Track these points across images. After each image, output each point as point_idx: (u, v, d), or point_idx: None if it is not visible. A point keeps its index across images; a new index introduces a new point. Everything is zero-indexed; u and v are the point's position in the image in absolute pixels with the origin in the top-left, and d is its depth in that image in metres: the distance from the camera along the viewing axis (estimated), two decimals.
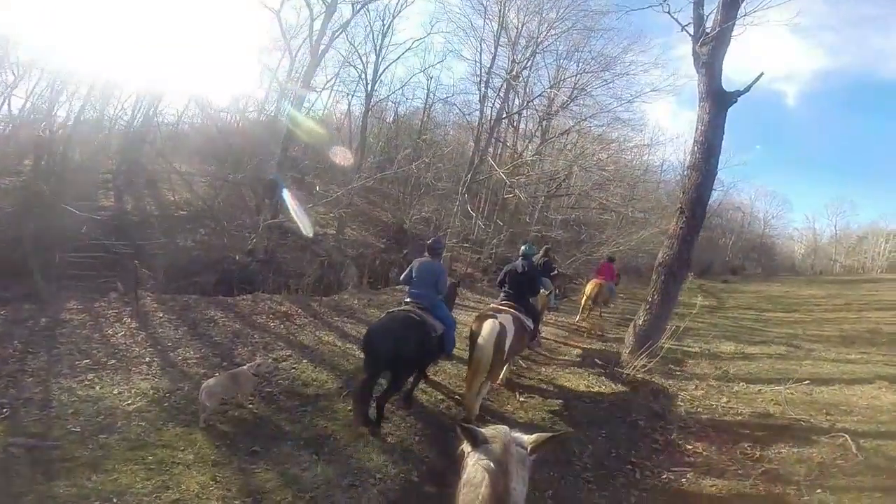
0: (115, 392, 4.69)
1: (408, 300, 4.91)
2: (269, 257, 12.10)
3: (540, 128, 18.15)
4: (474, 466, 1.47)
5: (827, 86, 72.73)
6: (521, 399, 5.72)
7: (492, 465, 1.43)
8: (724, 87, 7.25)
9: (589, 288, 10.55)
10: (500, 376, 5.75)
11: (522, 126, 19.66)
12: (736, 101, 7.38)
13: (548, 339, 8.41)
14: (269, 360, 5.00)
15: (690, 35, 7.73)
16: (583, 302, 10.74)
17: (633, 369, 6.28)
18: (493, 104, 13.82)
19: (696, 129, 7.32)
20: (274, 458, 3.95)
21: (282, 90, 12.21)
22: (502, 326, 4.92)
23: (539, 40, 14.46)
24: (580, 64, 16.85)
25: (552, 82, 17.45)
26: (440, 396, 5.58)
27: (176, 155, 16.14)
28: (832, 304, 17.73)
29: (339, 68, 16.28)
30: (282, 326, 7.55)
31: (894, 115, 73.83)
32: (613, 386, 6.25)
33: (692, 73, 7.51)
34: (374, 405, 4.43)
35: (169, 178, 14.60)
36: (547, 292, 8.51)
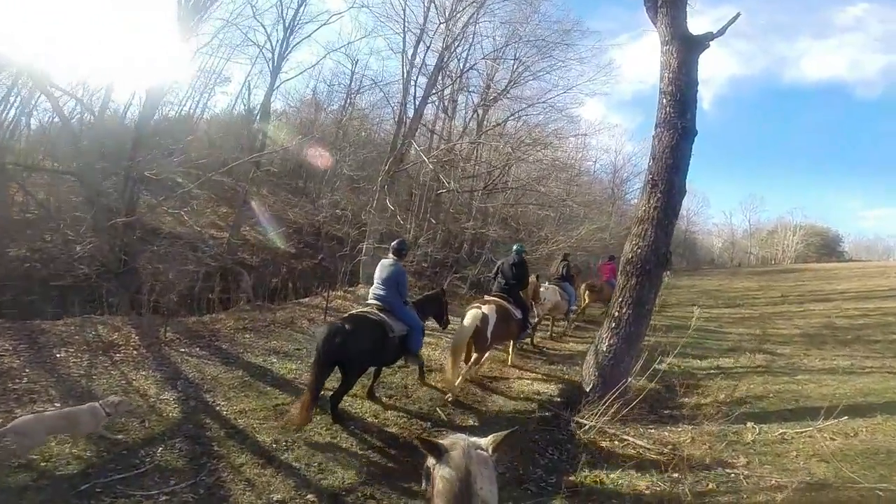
0: None
1: (370, 301, 4.77)
2: (127, 268, 8.94)
3: (476, 116, 15.94)
4: (440, 478, 1.43)
5: (738, 91, 78.26)
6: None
7: (454, 472, 1.41)
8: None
9: (582, 289, 10.22)
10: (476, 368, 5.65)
11: (458, 122, 17.43)
12: (708, 46, 5.51)
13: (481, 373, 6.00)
14: (124, 400, 3.68)
15: None
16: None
17: (598, 422, 3.97)
18: (416, 80, 11.28)
19: (662, 77, 5.34)
20: None
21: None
22: (484, 315, 5.24)
23: (476, 18, 12.18)
24: (518, 49, 14.81)
25: (486, 72, 15.33)
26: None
27: (54, 153, 12.50)
28: (769, 298, 16.91)
29: (220, 32, 12.86)
30: (86, 362, 5.06)
31: (794, 117, 79.81)
32: (570, 450, 3.90)
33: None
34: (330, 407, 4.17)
35: (28, 179, 10.88)
36: (567, 297, 8.64)
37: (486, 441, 1.55)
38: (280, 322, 7.72)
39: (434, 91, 12.11)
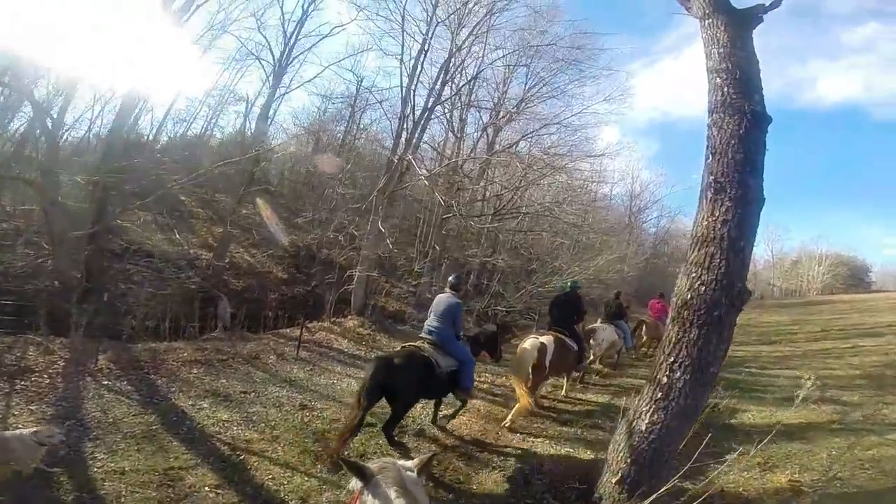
0: None
1: (422, 335, 4.60)
2: (91, 286, 7.82)
3: (486, 136, 14.84)
4: (377, 499, 1.33)
5: None
6: None
7: (398, 495, 1.31)
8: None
9: (633, 327, 9.60)
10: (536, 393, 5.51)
11: (469, 144, 16.39)
12: (762, 21, 4.24)
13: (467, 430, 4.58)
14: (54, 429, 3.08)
15: None
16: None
17: None
18: (416, 89, 10.10)
19: (709, 55, 3.99)
20: None
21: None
22: (542, 345, 5.29)
23: (485, 26, 11.16)
24: (531, 63, 13.78)
25: (497, 86, 14.34)
26: None
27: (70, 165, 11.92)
28: (808, 332, 14.91)
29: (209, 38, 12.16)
30: None
31: (811, 140, 75.49)
32: None
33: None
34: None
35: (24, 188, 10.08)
36: (622, 334, 8.34)
37: (412, 464, 1.47)
38: (243, 356, 6.45)
39: (438, 102, 11.01)
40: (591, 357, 7.84)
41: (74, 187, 8.22)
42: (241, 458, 3.46)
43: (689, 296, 3.00)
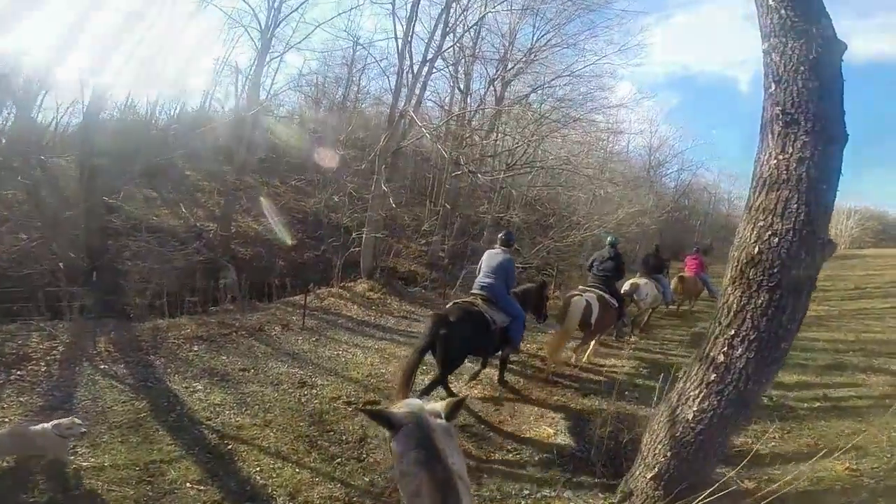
0: None
1: (474, 291, 4.61)
2: (95, 265, 7.59)
3: (493, 91, 13.89)
4: (404, 456, 1.19)
5: None
6: None
7: (422, 451, 1.16)
8: None
9: (673, 283, 9.08)
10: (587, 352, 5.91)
11: (476, 100, 15.42)
12: None
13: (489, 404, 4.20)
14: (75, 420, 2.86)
15: None
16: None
17: None
18: (411, 39, 9.15)
19: None
20: None
21: None
22: (588, 303, 5.32)
23: None
24: (538, 10, 12.71)
25: (503, 37, 13.28)
26: None
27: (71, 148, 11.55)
28: (842, 290, 14.10)
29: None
30: None
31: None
32: None
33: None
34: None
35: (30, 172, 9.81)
36: (662, 290, 8.07)
37: (440, 407, 1.30)
38: (248, 328, 6.15)
39: (439, 53, 10.06)
40: (637, 311, 7.83)
41: (66, 170, 7.88)
42: (229, 447, 3.16)
43: (756, 249, 2.37)
